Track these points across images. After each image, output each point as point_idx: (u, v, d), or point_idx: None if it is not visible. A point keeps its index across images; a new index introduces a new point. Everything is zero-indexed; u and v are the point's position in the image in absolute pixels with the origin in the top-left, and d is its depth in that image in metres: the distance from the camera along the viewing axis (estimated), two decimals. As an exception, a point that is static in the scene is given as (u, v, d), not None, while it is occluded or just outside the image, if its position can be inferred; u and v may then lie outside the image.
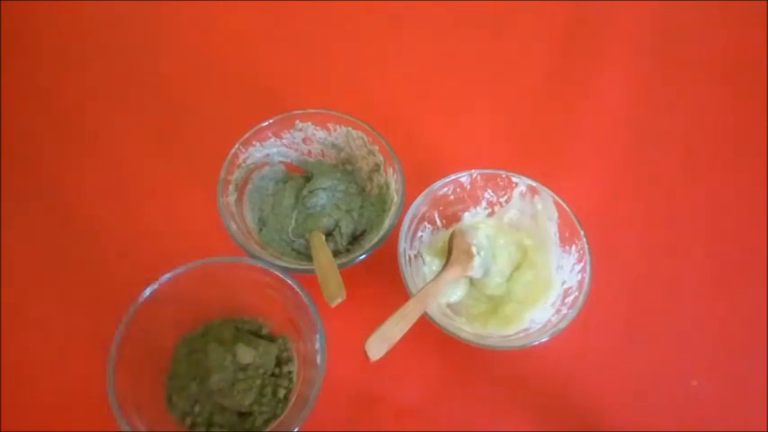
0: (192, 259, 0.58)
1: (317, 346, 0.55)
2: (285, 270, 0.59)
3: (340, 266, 0.60)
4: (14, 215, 0.71)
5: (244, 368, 0.59)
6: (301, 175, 0.74)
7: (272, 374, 0.60)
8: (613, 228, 0.74)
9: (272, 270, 0.58)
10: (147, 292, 0.56)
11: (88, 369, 0.57)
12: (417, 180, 0.66)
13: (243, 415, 0.58)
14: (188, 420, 0.57)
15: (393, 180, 0.66)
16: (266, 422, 0.58)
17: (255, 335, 0.62)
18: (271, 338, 0.62)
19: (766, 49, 0.89)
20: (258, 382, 0.58)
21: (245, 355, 0.59)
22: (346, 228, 0.68)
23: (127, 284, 0.57)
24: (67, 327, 0.65)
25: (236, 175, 0.67)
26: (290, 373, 0.60)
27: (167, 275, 0.57)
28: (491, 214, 0.70)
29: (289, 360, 0.61)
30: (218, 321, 0.62)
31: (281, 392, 0.59)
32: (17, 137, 0.77)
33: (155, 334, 0.58)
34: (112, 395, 0.51)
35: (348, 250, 0.68)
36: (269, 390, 0.59)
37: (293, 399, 0.59)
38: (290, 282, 0.58)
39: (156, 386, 0.58)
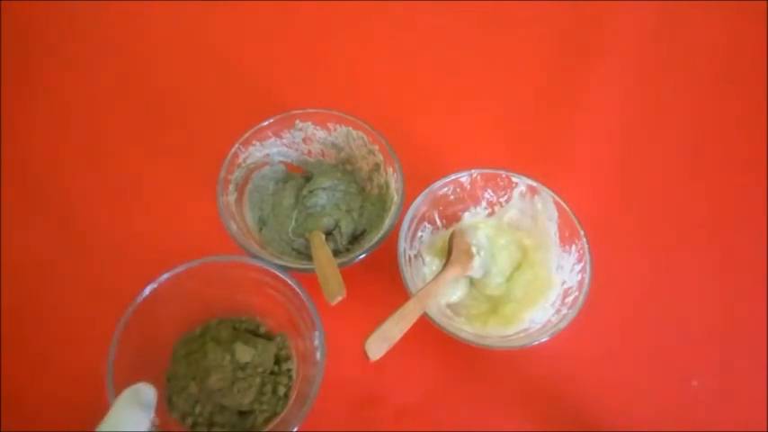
0: (191, 259, 0.58)
1: (317, 342, 0.55)
2: (284, 269, 0.59)
3: (340, 266, 0.60)
4: (14, 215, 0.71)
5: (243, 367, 0.59)
6: (301, 175, 0.74)
7: (272, 372, 0.60)
8: (613, 228, 0.74)
9: (270, 269, 0.58)
10: (147, 291, 0.56)
11: (88, 369, 0.56)
12: (417, 180, 0.66)
13: (243, 414, 0.58)
14: (189, 420, 0.57)
15: (393, 180, 0.66)
16: (267, 420, 0.58)
17: (253, 334, 0.62)
18: (269, 337, 0.62)
19: (766, 49, 0.89)
20: (258, 380, 0.58)
21: (244, 353, 0.59)
22: (346, 227, 0.68)
23: (127, 284, 0.56)
24: (67, 327, 0.65)
25: (237, 174, 0.67)
26: (289, 370, 0.60)
27: (166, 275, 0.57)
28: (491, 214, 0.70)
29: (288, 358, 0.61)
30: (216, 321, 0.62)
31: (281, 390, 0.59)
32: (17, 137, 0.77)
33: (154, 334, 0.58)
34: (112, 396, 0.51)
35: (348, 250, 0.68)
36: (269, 388, 0.59)
37: (293, 396, 0.59)
38: (288, 280, 0.58)
39: (155, 387, 0.58)
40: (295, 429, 0.52)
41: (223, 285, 0.60)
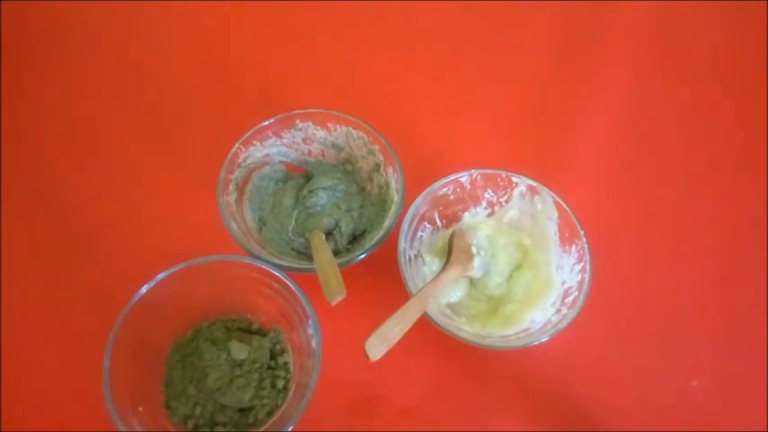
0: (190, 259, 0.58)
1: (311, 330, 0.56)
2: (281, 268, 0.59)
3: (340, 266, 0.60)
4: (13, 214, 0.71)
5: (239, 364, 0.59)
6: (301, 175, 0.74)
7: (269, 367, 0.60)
8: (613, 228, 0.74)
9: (261, 265, 0.59)
10: (144, 290, 0.56)
11: (89, 369, 0.56)
12: (417, 180, 0.66)
13: (244, 411, 0.59)
14: (190, 423, 0.57)
15: (393, 180, 0.66)
16: (269, 414, 0.58)
17: (246, 331, 0.63)
18: (262, 333, 0.63)
19: (766, 49, 0.89)
20: (256, 376, 0.59)
21: (240, 351, 0.59)
22: (346, 227, 0.68)
23: (126, 284, 0.57)
24: (66, 326, 0.65)
25: (237, 174, 0.67)
26: (285, 363, 0.61)
27: (162, 274, 0.57)
28: (491, 214, 0.70)
29: (283, 351, 0.61)
30: (207, 324, 0.62)
31: (280, 383, 0.59)
32: (17, 137, 0.77)
33: (149, 335, 0.58)
34: (109, 397, 0.51)
35: (348, 250, 0.68)
36: (267, 382, 0.59)
37: (293, 388, 0.59)
38: (278, 274, 0.58)
39: (153, 392, 0.59)
40: (297, 421, 0.52)
41: (214, 285, 0.60)
